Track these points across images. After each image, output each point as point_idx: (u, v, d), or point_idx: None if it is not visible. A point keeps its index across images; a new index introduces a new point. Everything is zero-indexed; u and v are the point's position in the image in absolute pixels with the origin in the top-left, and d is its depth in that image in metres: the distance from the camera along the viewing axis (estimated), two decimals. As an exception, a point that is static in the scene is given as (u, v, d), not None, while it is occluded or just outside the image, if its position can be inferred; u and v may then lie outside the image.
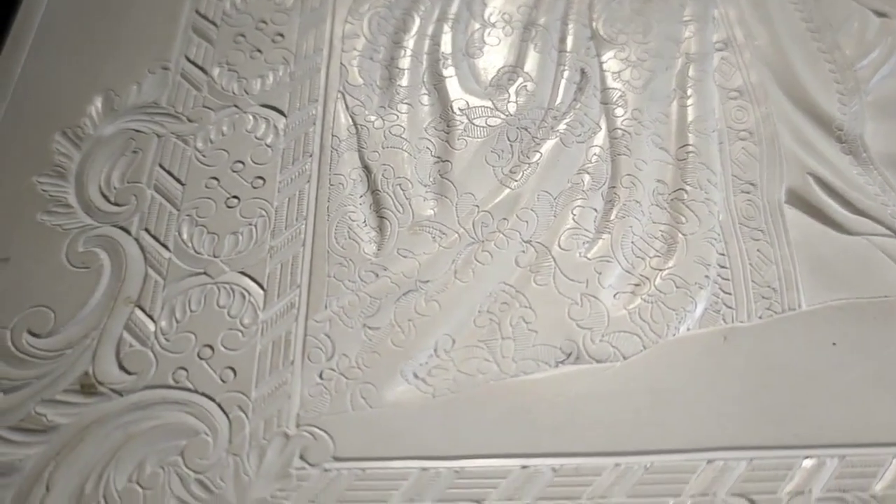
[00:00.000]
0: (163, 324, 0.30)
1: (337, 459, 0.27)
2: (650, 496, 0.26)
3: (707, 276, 0.30)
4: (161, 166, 0.33)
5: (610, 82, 0.35)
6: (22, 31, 0.38)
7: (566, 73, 0.36)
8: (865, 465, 0.26)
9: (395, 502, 0.26)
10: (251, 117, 0.35)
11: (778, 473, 0.26)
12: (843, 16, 0.38)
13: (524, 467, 0.27)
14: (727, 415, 0.27)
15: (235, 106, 0.35)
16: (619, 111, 0.34)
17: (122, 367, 0.29)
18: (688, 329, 0.29)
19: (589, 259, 0.31)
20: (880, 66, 0.36)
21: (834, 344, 0.29)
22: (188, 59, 0.37)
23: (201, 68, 0.36)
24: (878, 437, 0.27)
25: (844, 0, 0.38)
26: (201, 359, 0.29)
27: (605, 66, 0.36)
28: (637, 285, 0.30)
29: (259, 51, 0.37)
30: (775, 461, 0.27)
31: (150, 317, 0.30)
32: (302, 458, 0.27)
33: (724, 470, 0.26)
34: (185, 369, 0.29)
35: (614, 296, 0.30)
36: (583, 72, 0.36)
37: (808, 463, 0.26)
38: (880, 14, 0.37)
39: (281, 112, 0.35)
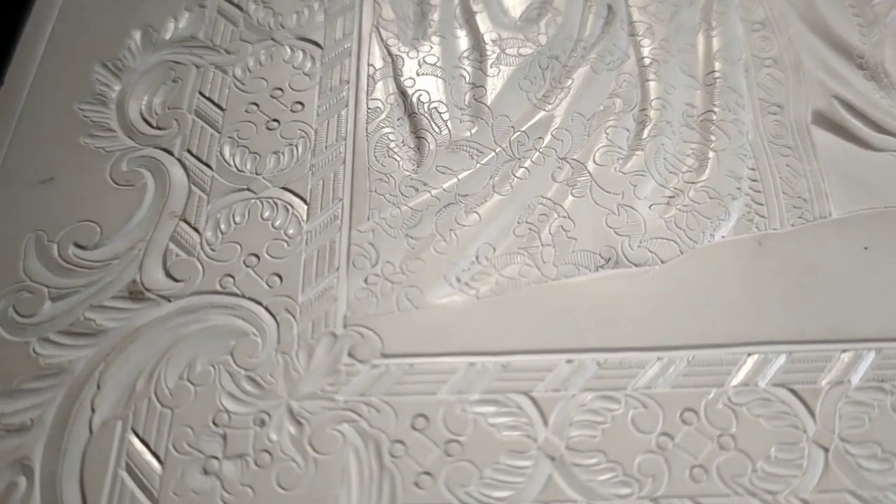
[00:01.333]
0: (208, 234, 0.30)
1: (385, 356, 0.27)
2: (693, 386, 0.27)
3: (739, 188, 0.31)
4: (201, 93, 0.34)
5: (636, 16, 0.36)
6: None
7: (593, 9, 0.37)
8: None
9: (444, 394, 0.27)
10: (288, 49, 0.36)
11: (817, 365, 0.27)
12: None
13: (569, 361, 0.27)
14: (765, 312, 0.28)
15: (272, 39, 0.36)
16: (646, 42, 0.35)
17: (169, 275, 0.29)
18: (723, 237, 0.30)
19: (624, 173, 0.31)
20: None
21: (866, 248, 0.30)
22: (225, -2, 0.38)
23: (237, 6, 0.37)
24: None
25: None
26: (247, 266, 0.29)
27: (630, 2, 0.37)
28: (671, 197, 0.31)
29: None
30: (814, 354, 0.27)
31: (195, 229, 0.30)
32: (350, 355, 0.27)
33: (764, 362, 0.27)
34: (232, 276, 0.29)
35: (650, 206, 0.31)
36: (609, 7, 0.37)
37: (846, 356, 0.27)
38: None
39: (317, 44, 0.36)
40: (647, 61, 0.35)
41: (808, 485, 0.25)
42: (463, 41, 0.36)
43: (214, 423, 0.26)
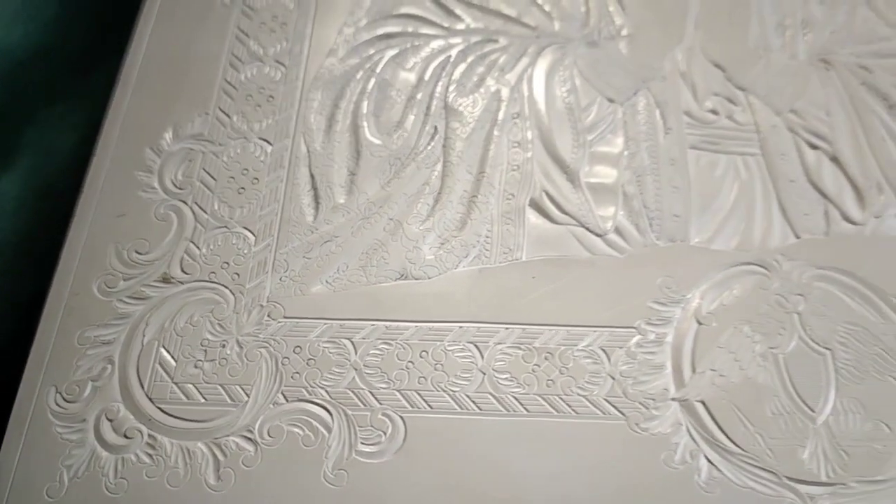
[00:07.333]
0: (203, 251, 0.59)
1: (286, 318, 0.57)
2: (430, 340, 0.56)
3: (478, 241, 0.60)
4: (204, 169, 0.63)
5: (450, 134, 0.65)
6: (128, 76, 0.67)
7: (427, 128, 0.65)
8: (572, 336, 0.56)
9: (310, 338, 0.56)
10: (253, 145, 0.64)
11: (489, 335, 0.56)
12: (592, 98, 0.67)
13: (387, 326, 0.56)
14: (479, 307, 0.57)
15: (245, 138, 0.65)
16: (451, 151, 0.64)
17: (183, 270, 0.59)
18: (464, 267, 0.59)
19: (419, 229, 0.60)
20: (597, 137, 0.65)
21: (533, 277, 0.58)
22: (220, 110, 0.66)
23: (226, 114, 0.66)
24: (563, 321, 0.56)
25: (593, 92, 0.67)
26: (223, 268, 0.59)
27: (449, 126, 0.65)
28: (441, 244, 0.60)
29: (259, 105, 0.66)
30: (488, 328, 0.56)
31: (197, 246, 0.59)
32: (269, 316, 0.57)
33: (463, 331, 0.56)
34: (214, 272, 0.59)
35: (429, 248, 0.59)
36: (436, 128, 0.65)
37: (510, 333, 0.56)
38: (610, 100, 0.67)
39: (269, 142, 0.64)
40: (449, 164, 0.63)
41: (470, 389, 0.54)
42: (352, 144, 0.65)
43: (201, 345, 0.56)
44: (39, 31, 0.78)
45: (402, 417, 0.52)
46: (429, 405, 0.52)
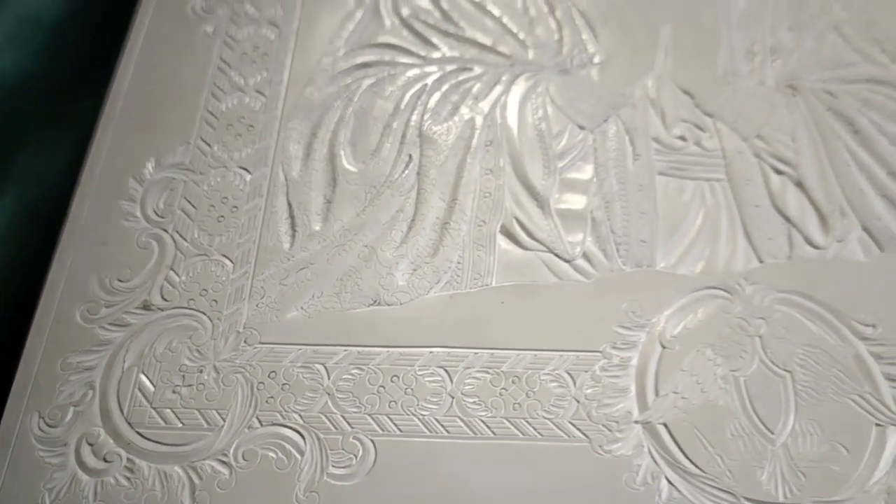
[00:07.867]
0: (183, 278, 0.61)
1: (261, 343, 0.59)
2: (401, 365, 0.57)
3: (449, 267, 0.62)
4: (185, 197, 0.65)
5: (424, 162, 0.67)
6: (112, 106, 0.69)
7: (402, 156, 0.67)
8: (538, 360, 0.58)
9: (285, 363, 0.58)
10: (233, 174, 0.66)
11: (459, 359, 0.58)
12: (564, 125, 0.69)
13: (360, 352, 0.58)
14: (449, 331, 0.59)
15: (225, 167, 0.67)
16: (424, 179, 0.66)
17: (163, 298, 0.60)
18: (435, 292, 0.61)
19: (393, 256, 0.62)
20: (568, 164, 0.67)
21: (502, 302, 0.60)
22: (201, 139, 0.68)
23: (207, 144, 0.68)
24: (531, 346, 0.58)
25: (564, 119, 0.69)
26: (201, 295, 0.61)
27: (424, 154, 0.67)
28: (414, 270, 0.61)
29: (239, 135, 0.68)
30: (461, 351, 0.58)
31: (177, 273, 0.61)
32: (245, 342, 0.59)
33: (434, 356, 0.58)
34: (193, 299, 0.60)
35: (402, 274, 0.61)
36: (410, 156, 0.67)
37: (479, 356, 0.58)
38: (581, 127, 0.68)
39: (248, 170, 0.66)
40: (423, 191, 0.65)
41: (440, 413, 0.56)
42: (329, 172, 0.67)
43: (179, 370, 0.58)
44: (29, 59, 0.80)
45: (372, 441, 0.54)
46: (399, 429, 0.54)
